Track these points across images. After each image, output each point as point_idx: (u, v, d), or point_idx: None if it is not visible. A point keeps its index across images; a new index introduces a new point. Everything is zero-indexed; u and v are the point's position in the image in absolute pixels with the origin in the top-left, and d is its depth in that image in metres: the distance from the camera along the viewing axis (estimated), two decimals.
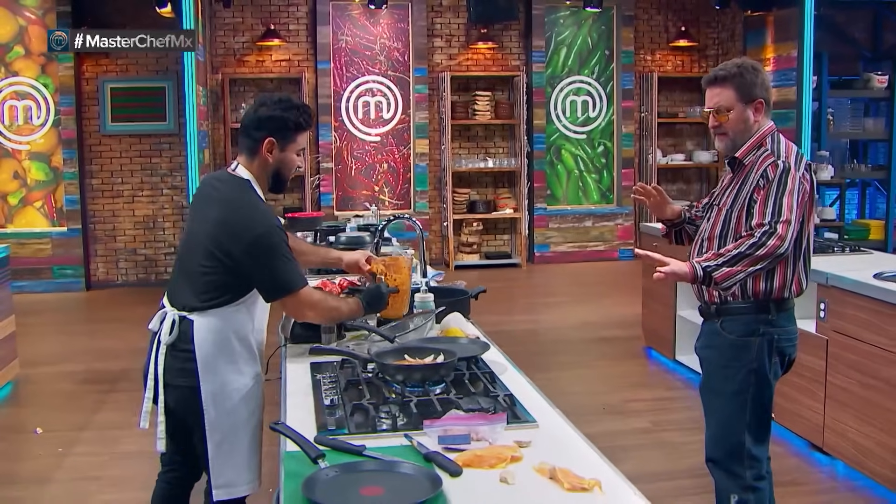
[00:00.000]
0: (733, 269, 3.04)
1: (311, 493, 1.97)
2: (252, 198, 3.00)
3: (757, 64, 3.32)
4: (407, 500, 1.94)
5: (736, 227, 3.22)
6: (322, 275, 4.88)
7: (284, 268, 2.92)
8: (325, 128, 10.89)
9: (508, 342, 7.95)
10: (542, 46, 11.28)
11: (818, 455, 4.87)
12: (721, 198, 3.33)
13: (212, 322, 2.95)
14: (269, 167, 3.05)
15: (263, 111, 3.02)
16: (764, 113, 3.27)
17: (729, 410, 3.28)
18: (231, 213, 2.96)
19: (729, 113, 3.23)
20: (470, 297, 3.80)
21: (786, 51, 10.05)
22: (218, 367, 2.95)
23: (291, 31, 10.87)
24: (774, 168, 3.12)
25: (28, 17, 9.86)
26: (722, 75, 3.26)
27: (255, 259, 2.89)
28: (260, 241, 2.89)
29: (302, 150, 3.12)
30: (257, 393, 3.07)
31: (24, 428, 5.62)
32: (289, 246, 2.99)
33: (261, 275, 2.93)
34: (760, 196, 3.11)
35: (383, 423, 2.45)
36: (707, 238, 3.33)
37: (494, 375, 2.87)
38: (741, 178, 3.24)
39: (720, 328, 3.27)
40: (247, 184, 3.03)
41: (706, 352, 3.39)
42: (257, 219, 2.93)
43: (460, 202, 11.18)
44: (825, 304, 4.71)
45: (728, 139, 3.29)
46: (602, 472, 2.12)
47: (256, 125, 3.03)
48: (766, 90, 3.26)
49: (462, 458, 2.15)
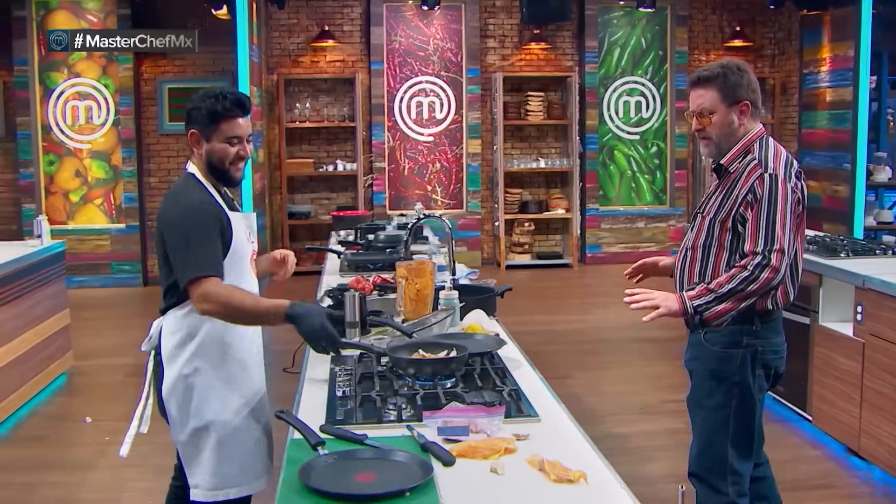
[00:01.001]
0: (724, 306, 2.98)
1: (306, 477, 2.05)
2: (186, 186, 2.96)
3: (743, 64, 3.18)
4: (397, 485, 2.01)
5: (720, 237, 3.11)
6: (358, 271, 4.98)
7: (188, 252, 2.80)
8: (378, 128, 11.02)
9: (554, 341, 8.08)
10: (595, 47, 11.26)
11: (855, 460, 4.81)
12: (705, 205, 3.20)
13: (170, 323, 2.95)
14: (203, 159, 2.97)
15: (189, 104, 2.98)
16: (750, 116, 3.13)
17: (711, 424, 3.18)
18: (163, 202, 2.99)
19: (712, 116, 3.11)
20: (495, 296, 3.85)
21: (842, 50, 9.89)
22: (176, 366, 2.92)
23: (346, 32, 11.01)
24: (762, 183, 3.00)
25: (90, 20, 10.15)
26: (705, 76, 3.13)
27: (169, 243, 2.85)
28: (172, 223, 2.85)
29: (235, 138, 2.95)
30: (226, 394, 2.95)
31: (75, 417, 5.82)
32: (211, 232, 2.84)
33: (173, 260, 2.85)
34: (751, 217, 3.00)
35: (389, 414, 2.52)
36: (691, 247, 3.22)
37: (506, 371, 2.91)
38: (727, 185, 3.12)
39: (704, 340, 3.16)
40: (190, 176, 2.99)
41: (693, 364, 3.27)
42: (178, 202, 2.89)
43: (512, 202, 11.22)
44: (862, 306, 4.66)
45: (712, 143, 3.16)
46: (593, 466, 2.16)
47: (186, 119, 3.00)
48: (752, 91, 3.12)
49: (457, 448, 2.21)
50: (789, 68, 11.20)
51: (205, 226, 2.83)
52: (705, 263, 3.15)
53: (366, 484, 2.05)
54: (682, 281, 3.24)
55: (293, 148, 11.01)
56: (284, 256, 3.42)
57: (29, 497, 4.62)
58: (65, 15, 10.11)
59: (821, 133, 10.39)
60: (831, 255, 5.19)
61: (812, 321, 5.13)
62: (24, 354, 5.89)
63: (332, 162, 11.02)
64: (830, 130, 10.20)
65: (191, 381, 2.92)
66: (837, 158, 10.02)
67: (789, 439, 5.21)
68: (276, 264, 3.41)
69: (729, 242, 3.09)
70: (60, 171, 10.30)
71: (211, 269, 2.79)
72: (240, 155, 2.97)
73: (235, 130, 2.95)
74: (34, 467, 4.99)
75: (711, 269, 3.13)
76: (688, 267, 3.22)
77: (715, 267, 3.13)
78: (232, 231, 2.93)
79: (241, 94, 3.00)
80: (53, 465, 5.02)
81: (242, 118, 2.97)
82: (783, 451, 5.04)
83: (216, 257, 2.84)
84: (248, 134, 3.02)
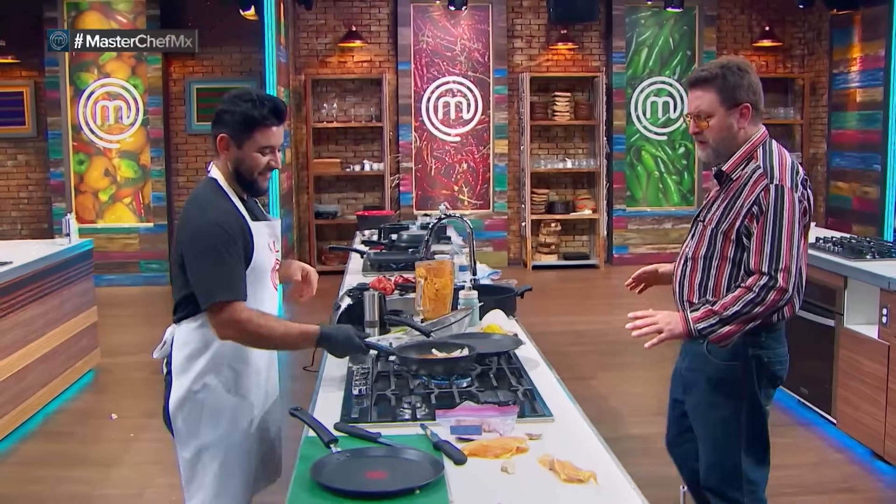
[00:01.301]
0: (729, 329, 2.85)
1: (318, 475, 2.07)
2: (207, 194, 2.80)
3: (744, 63, 2.99)
4: (407, 483, 2.02)
5: (723, 249, 2.95)
6: (381, 271, 5.00)
7: (211, 272, 2.65)
8: (405, 128, 11.04)
9: (578, 342, 8.06)
10: (622, 47, 11.22)
11: (880, 464, 4.77)
12: (706, 213, 3.04)
13: (182, 335, 2.82)
14: (231, 165, 2.81)
15: (221, 106, 2.80)
16: (751, 119, 2.95)
17: (721, 436, 3.05)
18: (184, 211, 2.83)
19: (710, 119, 2.94)
20: (515, 296, 3.85)
21: (873, 50, 9.78)
22: (185, 380, 2.80)
23: (373, 33, 11.05)
24: (767, 194, 2.83)
25: (120, 21, 10.25)
26: (703, 76, 2.96)
27: (189, 258, 2.70)
28: (195, 238, 2.69)
29: (268, 147, 2.80)
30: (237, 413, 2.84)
31: (101, 413, 5.88)
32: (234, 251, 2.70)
33: (192, 277, 2.70)
34: (757, 231, 2.85)
35: (404, 412, 2.53)
36: (691, 258, 3.06)
37: (522, 371, 2.92)
38: (730, 194, 2.95)
39: (707, 351, 2.99)
40: (213, 182, 2.84)
41: (693, 375, 3.11)
42: (201, 215, 2.72)
43: (539, 202, 11.20)
44: (887, 309, 4.61)
45: (709, 148, 3.00)
46: (605, 467, 2.16)
47: (215, 120, 2.81)
48: (753, 93, 2.94)
49: (469, 447, 2.22)
50: (819, 68, 11.09)
51: (228, 243, 2.68)
52: (706, 275, 3.01)
53: (376, 481, 2.06)
54: (683, 291, 3.10)
55: (320, 148, 11.06)
56: (307, 274, 3.24)
57: (53, 491, 4.68)
58: (95, 16, 10.22)
59: (850, 134, 10.29)
60: (857, 257, 5.14)
61: (837, 323, 5.09)
62: (51, 351, 5.97)
63: (359, 162, 11.05)
64: (860, 131, 10.09)
65: (200, 397, 2.79)
66: (867, 159, 9.91)
67: (814, 442, 5.17)
68: (299, 285, 3.25)
69: (732, 254, 2.94)
70: (90, 171, 10.42)
71: (235, 293, 2.66)
72: (270, 165, 2.82)
73: (270, 140, 2.79)
74: (60, 462, 5.06)
75: (713, 281, 3.00)
76: (688, 277, 3.08)
77: (717, 279, 2.99)
78: (254, 245, 2.79)
79: (278, 101, 2.83)
80: (79, 460, 5.09)
81: (277, 126, 2.81)
82: (808, 454, 5.01)
83: (240, 279, 2.70)
84: (281, 143, 2.88)
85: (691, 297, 3.03)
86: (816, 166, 11.03)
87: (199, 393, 2.80)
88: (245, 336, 2.70)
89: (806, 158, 11.15)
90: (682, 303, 3.08)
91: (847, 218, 10.34)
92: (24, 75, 10.49)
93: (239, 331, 2.67)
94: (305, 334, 2.73)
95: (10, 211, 10.66)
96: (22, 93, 10.49)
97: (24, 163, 10.63)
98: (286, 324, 2.77)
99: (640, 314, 2.96)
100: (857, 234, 9.41)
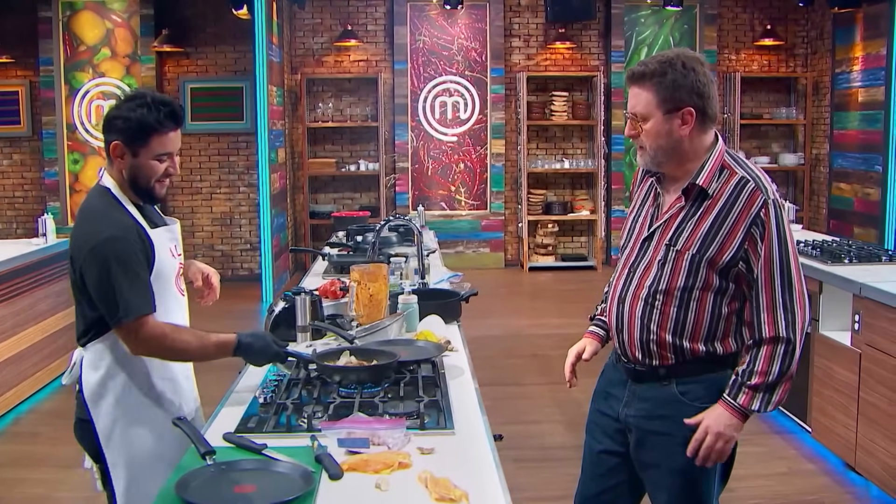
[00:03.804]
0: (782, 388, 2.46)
1: (182, 489, 1.97)
2: (100, 206, 2.64)
3: (692, 60, 2.48)
4: (273, 498, 1.93)
5: (707, 278, 2.48)
6: (343, 273, 4.91)
7: (116, 290, 2.51)
8: (401, 127, 10.96)
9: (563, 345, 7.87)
10: (621, 46, 11.08)
11: (852, 475, 4.63)
12: (675, 236, 2.52)
13: (92, 357, 2.70)
14: (125, 174, 2.65)
15: (112, 111, 2.63)
16: (697, 125, 2.48)
17: (691, 482, 2.59)
18: (78, 224, 2.66)
19: (645, 122, 2.49)
20: (459, 300, 3.75)
21: (875, 49, 9.59)
22: (105, 408, 2.68)
23: (369, 32, 10.97)
24: (767, 211, 2.42)
25: (115, 21, 10.23)
26: (639, 72, 2.50)
27: (90, 277, 2.54)
28: (94, 256, 2.53)
29: (166, 154, 2.65)
30: (162, 428, 2.69)
31: (72, 415, 5.78)
32: (136, 263, 2.57)
33: (96, 295, 2.55)
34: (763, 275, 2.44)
35: (301, 423, 2.44)
36: (664, 291, 2.52)
37: (438, 380, 2.81)
38: (710, 213, 2.48)
39: (680, 395, 2.55)
40: (105, 191, 2.67)
41: (655, 423, 2.59)
42: (95, 231, 2.56)
43: (536, 203, 11.08)
44: (860, 315, 4.47)
45: (647, 154, 2.54)
46: (489, 485, 2.06)
47: (106, 126, 2.65)
48: (698, 95, 2.45)
49: (349, 461, 2.13)
50: (822, 67, 10.91)
51: (130, 256, 2.54)
52: (684, 310, 2.51)
53: (240, 496, 1.97)
54: (646, 333, 2.57)
55: (316, 147, 11.00)
56: (207, 276, 3.13)
57: (10, 493, 4.64)
58: (90, 16, 10.21)
59: (852, 134, 10.10)
60: (834, 262, 5.00)
61: (812, 329, 4.94)
62: (24, 351, 5.92)
63: (354, 162, 10.99)
64: (862, 131, 9.90)
65: (126, 422, 2.68)
66: (869, 160, 9.72)
67: (787, 452, 5.04)
68: (200, 289, 3.14)
69: (717, 284, 2.49)
70: (85, 170, 10.40)
71: (144, 308, 2.54)
72: (168, 172, 2.68)
73: (167, 146, 2.64)
74: (22, 464, 5.02)
75: (693, 316, 2.51)
76: (658, 315, 2.54)
77: (698, 314, 2.51)
78: (155, 252, 2.66)
79: (175, 104, 2.67)
80: (41, 462, 5.04)
81: (174, 132, 2.65)
82: (780, 464, 4.89)
83: (147, 290, 2.58)
84: (178, 147, 2.72)
85: (662, 337, 2.54)
86: (819, 167, 10.85)
87: (124, 418, 2.69)
88: (161, 352, 2.62)
89: (808, 159, 10.96)
90: (645, 345, 2.58)
91: (849, 220, 10.15)
92: (19, 75, 10.48)
93: (153, 347, 2.58)
94: (222, 345, 2.64)
95: (5, 210, 10.66)
96: (17, 92, 10.49)
97: (18, 162, 10.62)
98: (202, 336, 2.66)
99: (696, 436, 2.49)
100: (858, 237, 9.27)
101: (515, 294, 9.93)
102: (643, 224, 2.64)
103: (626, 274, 2.63)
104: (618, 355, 2.71)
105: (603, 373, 2.85)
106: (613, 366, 2.77)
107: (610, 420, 2.73)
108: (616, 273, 2.71)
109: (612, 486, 2.78)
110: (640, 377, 2.62)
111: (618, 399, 2.70)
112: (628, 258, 2.65)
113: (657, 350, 2.56)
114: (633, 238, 2.66)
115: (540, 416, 5.54)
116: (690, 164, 2.52)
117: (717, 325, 2.53)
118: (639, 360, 2.60)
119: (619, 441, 2.72)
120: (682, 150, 2.51)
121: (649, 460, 2.64)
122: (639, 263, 2.59)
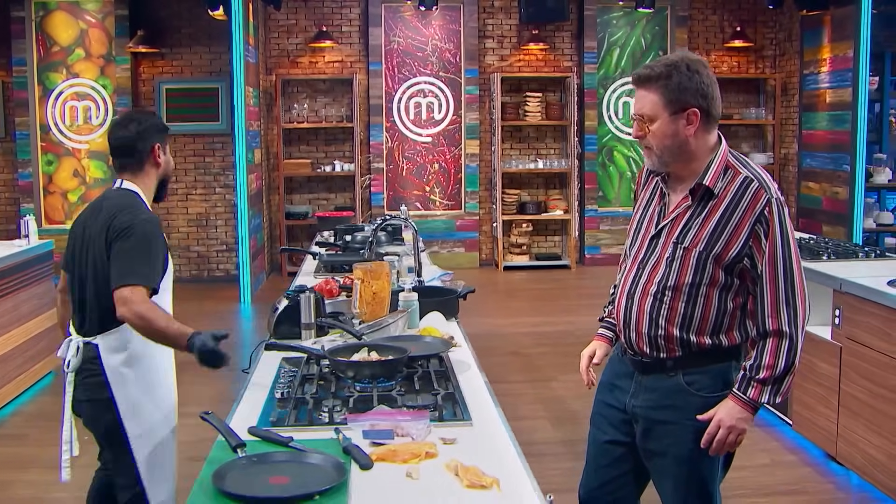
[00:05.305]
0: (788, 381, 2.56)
1: (219, 480, 2.03)
2: (137, 201, 3.06)
3: (696, 63, 2.59)
4: (308, 488, 1.99)
5: (713, 274, 2.57)
6: (334, 272, 4.96)
7: (138, 257, 2.89)
8: (376, 128, 11.01)
9: (541, 343, 8.03)
10: (594, 47, 11.21)
11: (834, 465, 4.76)
12: (682, 234, 2.61)
13: (112, 343, 3.02)
14: (160, 172, 3.18)
15: (136, 126, 3.09)
16: (702, 125, 2.57)
17: (697, 469, 2.68)
18: (117, 214, 2.99)
19: (652, 124, 2.57)
20: (457, 298, 3.82)
21: (842, 51, 9.80)
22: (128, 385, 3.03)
23: (344, 33, 11.01)
24: (771, 209, 2.51)
25: (89, 21, 10.18)
26: (645, 75, 2.59)
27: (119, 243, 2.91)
28: (133, 226, 2.92)
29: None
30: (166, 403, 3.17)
31: (58, 416, 5.75)
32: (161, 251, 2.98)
33: (117, 256, 2.90)
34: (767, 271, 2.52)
35: (322, 416, 2.50)
36: (673, 287, 2.61)
37: (450, 374, 2.88)
38: (716, 211, 2.57)
39: (686, 385, 2.64)
40: (133, 194, 3.09)
41: (662, 413, 2.68)
42: (138, 211, 2.99)
43: (510, 203, 11.18)
44: (840, 310, 4.61)
45: (654, 155, 2.62)
46: (515, 473, 2.13)
47: (140, 138, 3.08)
48: (703, 97, 2.55)
49: (378, 452, 2.19)
50: (790, 69, 11.11)
51: (157, 238, 2.97)
52: (692, 306, 2.60)
53: (276, 486, 2.03)
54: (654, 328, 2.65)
55: (291, 148, 11.01)
56: None
57: (1, 496, 4.62)
58: (63, 16, 10.14)
59: (821, 134, 10.31)
60: (813, 258, 5.14)
61: None
62: (7, 353, 5.90)
63: (329, 162, 11.02)
64: (830, 132, 10.11)
65: (146, 399, 3.05)
66: (837, 160, 9.93)
67: (769, 444, 5.16)
68: None
69: (723, 280, 2.58)
70: (59, 171, 10.33)
71: (150, 280, 2.90)
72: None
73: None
74: (10, 466, 5.00)
75: (701, 311, 2.60)
76: (666, 310, 2.62)
77: (704, 309, 2.60)
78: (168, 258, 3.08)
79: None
80: (30, 463, 5.03)
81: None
82: (762, 455, 5.00)
83: (157, 272, 2.95)
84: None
85: (670, 331, 2.63)
86: (788, 167, 11.05)
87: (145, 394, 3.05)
88: (142, 320, 2.82)
89: (777, 159, 11.16)
90: (653, 339, 2.66)
91: (817, 218, 10.36)
92: None
93: (139, 314, 2.81)
94: (181, 335, 2.81)
95: None
96: None
97: None
98: (171, 320, 2.90)
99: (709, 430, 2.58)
100: (827, 235, 9.47)
101: (491, 293, 10.01)
102: (650, 222, 2.72)
103: (635, 270, 2.71)
104: (624, 348, 2.79)
105: (608, 365, 2.93)
106: (619, 358, 2.85)
107: (616, 411, 2.82)
108: (624, 270, 2.79)
109: (616, 476, 2.87)
110: (647, 369, 2.70)
111: (624, 390, 2.78)
112: (636, 255, 2.72)
113: (665, 343, 2.64)
114: (640, 236, 2.74)
115: (525, 413, 5.63)
116: (695, 164, 2.61)
117: (723, 320, 2.62)
118: (646, 352, 2.68)
119: (625, 431, 2.81)
120: (688, 150, 2.59)
121: (656, 449, 2.72)
122: (647, 260, 2.67)
